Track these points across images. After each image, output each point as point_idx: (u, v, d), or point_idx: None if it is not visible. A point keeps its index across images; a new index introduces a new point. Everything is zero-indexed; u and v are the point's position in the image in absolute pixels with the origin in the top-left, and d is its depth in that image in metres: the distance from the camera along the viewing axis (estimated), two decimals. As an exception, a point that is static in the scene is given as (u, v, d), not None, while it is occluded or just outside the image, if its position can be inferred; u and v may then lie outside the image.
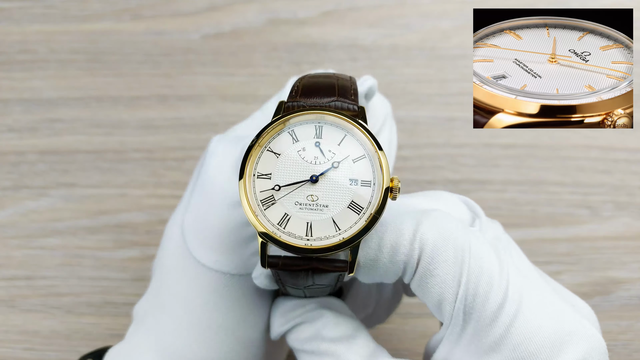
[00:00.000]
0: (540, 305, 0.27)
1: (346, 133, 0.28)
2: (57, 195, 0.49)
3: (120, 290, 0.46)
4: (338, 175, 0.28)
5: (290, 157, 0.28)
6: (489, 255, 0.28)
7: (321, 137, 0.28)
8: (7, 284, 0.46)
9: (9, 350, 0.45)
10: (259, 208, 0.27)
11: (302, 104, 0.29)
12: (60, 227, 0.48)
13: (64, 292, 0.46)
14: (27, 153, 0.50)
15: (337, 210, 0.27)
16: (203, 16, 0.53)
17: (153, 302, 0.33)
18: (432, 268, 0.27)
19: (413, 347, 0.45)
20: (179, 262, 0.32)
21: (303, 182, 0.28)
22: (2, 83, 0.52)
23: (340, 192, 0.27)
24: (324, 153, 0.28)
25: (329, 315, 0.30)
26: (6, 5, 0.53)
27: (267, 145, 0.28)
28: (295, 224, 0.27)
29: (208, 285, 0.31)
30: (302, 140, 0.28)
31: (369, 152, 0.28)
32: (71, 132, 0.50)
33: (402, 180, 0.49)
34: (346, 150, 0.28)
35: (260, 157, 0.28)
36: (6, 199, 0.49)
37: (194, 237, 0.32)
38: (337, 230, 0.27)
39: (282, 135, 0.28)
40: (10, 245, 0.47)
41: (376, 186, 0.27)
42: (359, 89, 0.31)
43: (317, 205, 0.27)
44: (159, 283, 0.33)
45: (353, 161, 0.28)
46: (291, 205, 0.27)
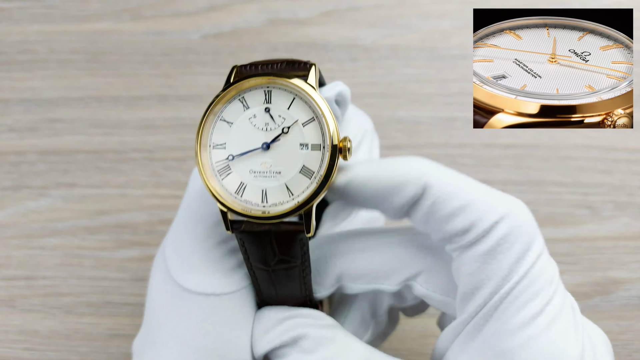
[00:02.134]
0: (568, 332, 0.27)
1: (294, 96, 0.28)
2: (57, 195, 0.49)
3: (120, 290, 0.46)
4: (288, 141, 0.28)
5: (242, 125, 0.28)
6: (551, 265, 0.28)
7: (270, 102, 0.28)
8: (7, 284, 0.46)
9: (9, 350, 0.45)
10: (216, 179, 0.28)
11: (254, 68, 0.29)
12: (60, 227, 0.48)
13: (64, 292, 0.46)
14: (27, 153, 0.50)
15: (290, 175, 0.28)
16: (203, 16, 0.53)
17: (146, 337, 0.32)
18: (498, 250, 0.27)
19: (413, 347, 0.45)
20: (164, 291, 0.31)
21: (255, 150, 0.28)
22: (2, 83, 0.52)
23: (291, 157, 0.28)
24: (274, 119, 0.28)
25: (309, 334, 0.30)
26: (6, 5, 0.53)
27: (219, 115, 0.29)
28: (251, 192, 0.28)
29: (195, 312, 0.30)
30: (252, 106, 0.28)
31: (318, 114, 0.28)
32: (71, 132, 0.50)
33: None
34: (295, 114, 0.28)
35: (214, 127, 0.29)
36: (6, 199, 0.49)
37: (175, 261, 0.31)
38: (291, 195, 0.28)
39: (234, 102, 0.29)
40: (10, 245, 0.47)
41: (325, 149, 0.28)
42: (327, 94, 0.30)
43: (270, 172, 0.28)
44: (149, 316, 0.32)
45: (302, 125, 0.28)
46: (246, 173, 0.28)
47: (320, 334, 0.30)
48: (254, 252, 0.29)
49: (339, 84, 0.32)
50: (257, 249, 0.29)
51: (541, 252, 0.28)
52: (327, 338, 0.30)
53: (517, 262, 0.27)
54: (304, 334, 0.30)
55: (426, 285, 0.31)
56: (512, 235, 0.27)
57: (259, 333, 0.31)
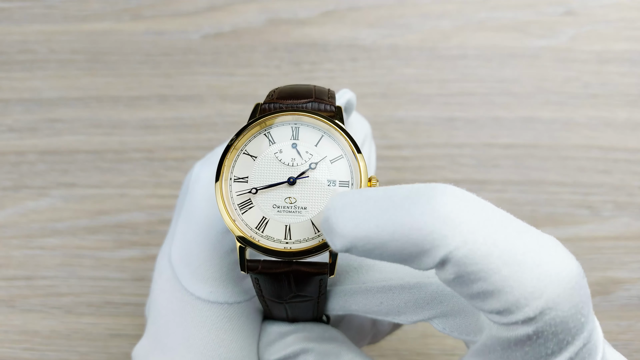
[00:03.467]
0: None
1: (323, 134, 0.28)
2: (57, 195, 0.49)
3: (120, 290, 0.46)
4: (316, 177, 0.27)
5: (267, 160, 0.28)
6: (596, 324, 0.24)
7: (298, 138, 0.28)
8: (7, 284, 0.46)
9: (9, 350, 0.45)
10: (236, 212, 0.27)
11: (279, 105, 0.28)
12: (60, 227, 0.48)
13: (64, 292, 0.46)
14: (27, 153, 0.50)
15: (316, 211, 0.27)
16: (203, 16, 0.53)
17: (153, 344, 0.32)
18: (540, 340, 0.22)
19: (413, 347, 0.45)
20: (173, 299, 0.31)
21: (280, 184, 0.27)
22: (2, 83, 0.52)
23: (318, 193, 0.27)
24: (301, 154, 0.28)
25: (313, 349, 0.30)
26: (6, 5, 0.53)
27: (243, 148, 0.28)
28: (273, 227, 0.27)
29: (208, 320, 0.30)
30: (278, 142, 0.28)
31: (347, 152, 0.28)
32: (71, 132, 0.50)
33: (402, 180, 0.49)
34: (323, 151, 0.28)
35: (237, 160, 0.28)
36: (6, 199, 0.49)
37: (185, 269, 0.31)
38: (316, 232, 0.27)
39: (259, 137, 0.28)
40: (10, 245, 0.47)
41: (354, 186, 0.27)
42: (337, 102, 0.30)
43: (295, 207, 0.27)
44: (156, 323, 0.32)
45: (331, 162, 0.28)
46: (269, 208, 0.27)
47: (325, 349, 0.30)
48: (268, 289, 0.28)
49: (347, 92, 0.32)
50: (272, 287, 0.28)
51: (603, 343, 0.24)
52: (332, 353, 0.30)
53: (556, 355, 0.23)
54: (308, 348, 0.30)
55: (443, 326, 0.29)
56: (553, 326, 0.22)
57: (263, 345, 0.31)
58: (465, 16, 0.53)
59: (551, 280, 0.22)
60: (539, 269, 0.22)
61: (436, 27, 0.53)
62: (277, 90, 0.29)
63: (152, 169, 0.49)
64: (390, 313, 0.30)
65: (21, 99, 0.51)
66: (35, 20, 0.53)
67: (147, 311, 0.34)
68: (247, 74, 0.51)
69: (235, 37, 0.53)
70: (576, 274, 0.22)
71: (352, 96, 0.32)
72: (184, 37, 0.52)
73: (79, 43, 0.52)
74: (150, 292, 0.33)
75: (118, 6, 0.53)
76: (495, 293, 0.22)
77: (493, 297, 0.22)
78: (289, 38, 0.52)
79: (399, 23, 0.53)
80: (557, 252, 0.23)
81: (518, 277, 0.21)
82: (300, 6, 0.53)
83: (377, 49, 0.52)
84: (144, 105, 0.51)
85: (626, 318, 0.46)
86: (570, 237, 0.47)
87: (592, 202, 0.48)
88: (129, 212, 0.48)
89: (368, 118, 0.50)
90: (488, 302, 0.22)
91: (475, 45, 0.52)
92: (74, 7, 0.53)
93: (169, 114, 0.51)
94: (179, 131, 0.50)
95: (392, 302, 0.30)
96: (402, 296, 0.29)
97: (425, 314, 0.29)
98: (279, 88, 0.30)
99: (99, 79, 0.52)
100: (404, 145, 0.50)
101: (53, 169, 0.49)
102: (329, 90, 0.30)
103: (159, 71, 0.52)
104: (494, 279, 0.21)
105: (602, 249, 0.47)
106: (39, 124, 0.50)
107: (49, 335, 0.45)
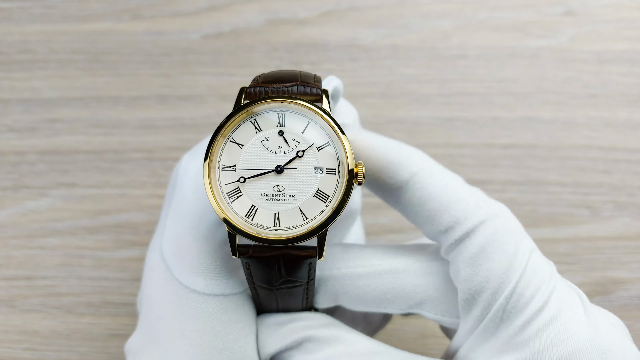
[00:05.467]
0: (577, 316, 0.27)
1: (309, 120, 0.28)
2: (57, 195, 0.49)
3: (120, 290, 0.46)
4: (303, 164, 0.28)
5: (254, 148, 0.28)
6: (544, 263, 0.28)
7: (284, 125, 0.28)
8: (7, 284, 0.46)
9: (9, 350, 0.45)
10: (226, 201, 0.28)
11: (264, 89, 0.28)
12: (60, 227, 0.48)
13: (64, 292, 0.46)
14: (27, 153, 0.50)
15: (304, 199, 0.28)
16: (203, 16, 0.53)
17: (147, 337, 0.32)
18: (490, 250, 0.27)
19: (413, 348, 0.45)
20: (167, 292, 0.31)
21: (268, 173, 0.28)
22: (2, 83, 0.52)
23: (306, 181, 0.28)
24: (288, 142, 0.28)
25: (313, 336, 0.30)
26: (6, 5, 0.53)
27: (229, 136, 0.28)
28: (262, 215, 0.28)
29: (204, 312, 0.30)
30: (265, 129, 0.28)
31: (333, 139, 0.28)
32: (71, 132, 0.50)
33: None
34: (310, 138, 0.28)
35: (224, 148, 0.28)
36: (6, 199, 0.49)
37: (178, 263, 0.31)
38: (305, 219, 0.27)
39: (245, 124, 0.28)
40: (10, 245, 0.47)
41: (341, 173, 0.28)
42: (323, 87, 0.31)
43: (283, 195, 0.28)
44: (149, 317, 0.32)
45: (317, 149, 0.28)
46: (257, 196, 0.28)
47: (324, 334, 0.30)
48: (259, 274, 0.29)
49: (333, 79, 0.32)
50: (263, 272, 0.29)
51: (533, 248, 0.28)
52: (332, 337, 0.30)
53: (511, 261, 0.27)
54: (307, 336, 0.30)
55: (434, 311, 0.31)
56: (500, 235, 0.27)
57: (263, 338, 0.31)
58: (465, 16, 0.53)
59: (491, 202, 0.30)
60: (481, 195, 0.30)
61: (436, 27, 0.53)
62: (262, 75, 0.30)
63: (152, 169, 0.49)
64: (381, 303, 0.31)
65: (21, 99, 0.51)
66: (35, 20, 0.53)
67: (139, 305, 0.34)
68: (247, 74, 0.51)
69: (235, 37, 0.53)
70: (504, 207, 0.30)
71: (339, 83, 0.32)
72: (183, 37, 0.52)
73: (79, 43, 0.52)
74: (142, 286, 0.33)
75: (118, 6, 0.53)
76: (448, 206, 0.29)
77: (446, 211, 0.29)
78: (289, 38, 0.52)
79: (399, 23, 0.53)
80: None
81: (467, 196, 0.29)
82: (300, 6, 0.53)
83: (377, 49, 0.52)
84: (144, 105, 0.51)
85: (626, 318, 0.46)
86: (570, 237, 0.47)
87: (592, 202, 0.48)
88: (129, 212, 0.48)
89: (368, 118, 0.50)
90: (438, 219, 0.29)
91: (475, 45, 0.52)
92: (74, 7, 0.53)
93: (169, 114, 0.51)
94: (179, 131, 0.50)
95: (382, 289, 0.31)
96: (392, 281, 0.31)
97: (415, 298, 0.31)
98: (265, 73, 0.30)
99: (99, 79, 0.52)
100: (404, 145, 0.50)
101: (53, 169, 0.49)
102: (315, 75, 0.30)
103: (158, 71, 0.52)
104: (448, 193, 0.29)
105: (602, 249, 0.47)
106: (39, 124, 0.50)
107: (49, 335, 0.45)
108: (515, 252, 0.28)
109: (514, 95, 0.51)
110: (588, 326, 0.27)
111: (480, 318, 0.28)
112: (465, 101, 0.51)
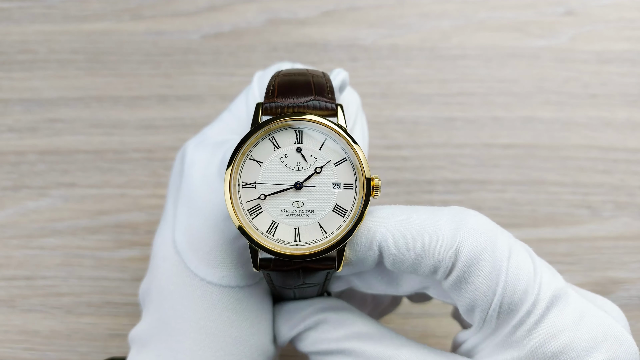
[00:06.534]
0: (568, 307, 0.28)
1: (326, 137, 0.29)
2: (57, 195, 0.49)
3: (120, 290, 0.46)
4: (321, 180, 0.29)
5: (273, 165, 0.29)
6: (526, 262, 0.28)
7: (302, 142, 0.29)
8: (7, 284, 0.46)
9: (9, 350, 0.45)
10: (247, 217, 0.29)
11: (280, 105, 0.29)
12: (60, 227, 0.48)
13: (64, 292, 0.46)
14: (27, 153, 0.50)
15: (323, 214, 0.29)
16: (203, 16, 0.53)
17: (156, 327, 0.32)
18: (467, 276, 0.28)
19: (413, 347, 0.45)
20: (181, 283, 0.32)
21: (287, 189, 0.29)
22: (2, 83, 0.52)
23: (324, 196, 0.29)
24: (305, 158, 0.29)
25: (329, 318, 0.31)
26: (6, 5, 0.53)
27: (249, 154, 0.29)
28: (283, 230, 0.29)
29: (219, 303, 0.31)
30: (283, 146, 0.29)
31: (349, 154, 0.29)
32: (71, 132, 0.50)
33: (402, 180, 0.49)
34: (327, 154, 0.29)
35: (243, 166, 0.29)
36: (6, 199, 0.49)
37: (193, 255, 0.32)
38: (324, 233, 0.28)
39: (263, 142, 0.29)
40: (10, 245, 0.47)
41: (358, 188, 0.29)
42: (332, 83, 0.31)
43: (302, 210, 0.29)
44: (160, 308, 0.32)
45: (335, 165, 0.29)
46: (277, 212, 0.29)
47: (339, 318, 0.31)
48: (279, 280, 0.30)
49: (341, 71, 0.33)
50: (282, 279, 0.30)
51: (509, 251, 0.28)
52: (347, 321, 0.31)
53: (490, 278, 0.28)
54: (324, 318, 0.31)
55: (438, 294, 0.32)
56: (473, 259, 0.28)
57: (282, 323, 0.32)
58: (465, 16, 0.53)
59: (450, 221, 0.28)
60: (439, 219, 0.28)
61: (436, 27, 0.53)
62: (275, 84, 0.30)
63: (152, 169, 0.49)
64: (389, 287, 0.32)
65: (21, 99, 0.51)
66: (35, 20, 0.53)
67: (142, 296, 0.34)
68: (247, 74, 0.51)
69: (235, 37, 0.53)
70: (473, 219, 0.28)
71: (346, 75, 0.33)
72: (183, 37, 0.52)
73: (79, 43, 0.52)
74: (151, 277, 0.33)
75: (118, 6, 0.53)
76: (421, 257, 0.28)
77: (422, 262, 0.28)
78: (289, 38, 0.52)
79: (399, 23, 0.53)
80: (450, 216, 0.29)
81: (429, 236, 0.28)
82: (300, 6, 0.53)
83: (377, 49, 0.52)
84: (144, 105, 0.51)
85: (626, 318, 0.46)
86: (570, 237, 0.47)
87: (592, 202, 0.48)
88: (129, 212, 0.48)
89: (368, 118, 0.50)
90: (422, 268, 0.28)
91: (475, 45, 0.52)
92: (74, 7, 0.53)
93: (169, 114, 0.51)
94: (179, 131, 0.50)
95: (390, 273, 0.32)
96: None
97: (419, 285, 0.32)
98: (278, 80, 0.30)
99: (99, 79, 0.52)
100: (403, 145, 0.50)
101: (53, 169, 0.49)
102: (327, 81, 0.31)
103: (159, 71, 0.52)
104: (414, 245, 0.28)
105: (602, 249, 0.47)
106: (39, 124, 0.50)
107: (49, 335, 0.45)
108: (492, 267, 0.28)
109: (514, 95, 0.51)
110: (579, 317, 0.28)
111: (479, 325, 0.29)
112: (465, 101, 0.51)
